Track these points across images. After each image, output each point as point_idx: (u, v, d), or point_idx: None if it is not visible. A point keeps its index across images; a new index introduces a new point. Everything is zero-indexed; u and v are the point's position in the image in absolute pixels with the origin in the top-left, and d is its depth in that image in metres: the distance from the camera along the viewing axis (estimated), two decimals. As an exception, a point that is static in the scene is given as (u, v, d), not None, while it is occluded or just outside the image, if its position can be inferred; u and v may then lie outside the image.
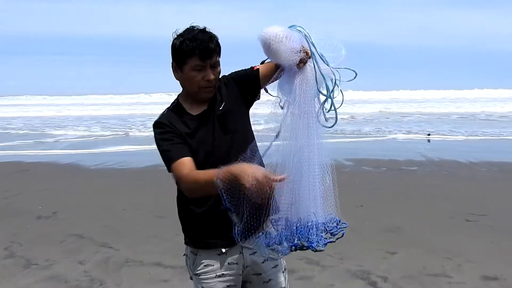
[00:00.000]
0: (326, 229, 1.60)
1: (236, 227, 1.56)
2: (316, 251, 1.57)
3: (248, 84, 1.87)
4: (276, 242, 1.57)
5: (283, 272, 1.94)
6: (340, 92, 1.71)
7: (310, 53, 1.67)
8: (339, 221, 1.65)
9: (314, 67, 1.64)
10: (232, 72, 1.93)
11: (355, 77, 1.70)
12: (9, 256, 4.29)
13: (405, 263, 3.90)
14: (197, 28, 1.75)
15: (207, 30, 1.76)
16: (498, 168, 7.92)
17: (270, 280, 1.89)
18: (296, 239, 1.56)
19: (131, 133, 14.28)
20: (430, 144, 11.16)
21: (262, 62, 1.88)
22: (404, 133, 13.13)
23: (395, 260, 3.98)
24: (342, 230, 1.63)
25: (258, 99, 1.91)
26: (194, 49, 1.70)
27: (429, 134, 12.14)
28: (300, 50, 1.64)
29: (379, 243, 4.35)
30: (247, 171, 1.48)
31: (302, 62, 1.66)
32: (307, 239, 1.55)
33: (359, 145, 11.38)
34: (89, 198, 6.32)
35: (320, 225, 1.59)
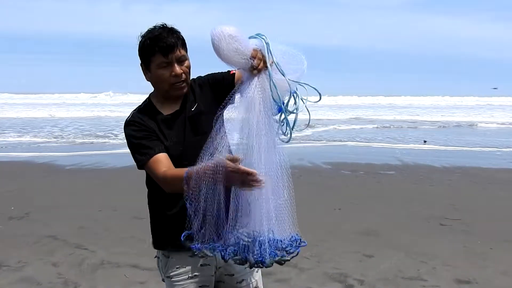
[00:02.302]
0: (282, 247, 1.58)
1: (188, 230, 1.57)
2: (266, 267, 1.56)
3: (222, 88, 1.84)
4: (232, 252, 1.56)
5: (256, 272, 1.94)
6: (304, 106, 1.69)
7: (266, 62, 1.62)
8: (300, 240, 1.63)
9: (269, 76, 1.61)
10: (208, 74, 1.92)
11: (319, 99, 1.68)
12: (-21, 257, 4.15)
13: (381, 266, 3.95)
14: (158, 26, 1.74)
15: (167, 25, 1.74)
16: (471, 173, 8.11)
17: (242, 280, 1.89)
18: (249, 253, 1.54)
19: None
20: (405, 150, 11.35)
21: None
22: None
23: (372, 263, 4.02)
24: (298, 249, 1.61)
25: (232, 103, 1.90)
26: (154, 46, 1.70)
27: (425, 142, 12.43)
28: (252, 56, 1.59)
29: (356, 246, 4.40)
30: (219, 157, 1.49)
31: (255, 69, 1.61)
32: (259, 254, 1.54)
33: (335, 149, 11.51)
34: (63, 199, 6.19)
35: (277, 242, 1.57)
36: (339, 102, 35.19)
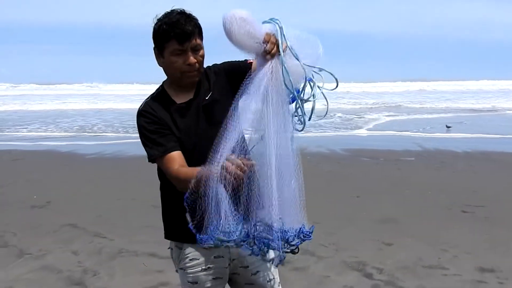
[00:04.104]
0: (285, 238, 1.57)
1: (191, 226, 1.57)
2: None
3: (239, 77, 1.77)
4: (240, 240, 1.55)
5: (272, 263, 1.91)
6: (321, 93, 1.63)
7: (279, 47, 1.57)
8: (308, 233, 1.60)
9: (282, 62, 1.56)
10: (224, 62, 1.88)
11: (336, 86, 1.62)
12: (2, 245, 4.25)
13: (401, 254, 3.88)
14: (176, 11, 1.69)
15: (185, 12, 1.69)
16: (494, 159, 7.90)
17: (257, 272, 1.86)
18: (256, 242, 1.55)
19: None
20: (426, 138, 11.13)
21: None
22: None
23: (391, 251, 3.95)
24: (300, 242, 1.59)
25: (247, 93, 1.85)
26: (170, 33, 1.66)
27: (448, 127, 12.12)
28: (265, 41, 1.55)
29: (375, 234, 4.33)
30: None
31: (268, 54, 1.56)
32: (268, 244, 1.54)
33: (352, 137, 11.37)
34: (84, 188, 6.27)
35: (282, 232, 1.55)
36: (365, 89, 34.03)
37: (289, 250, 1.58)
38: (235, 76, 1.80)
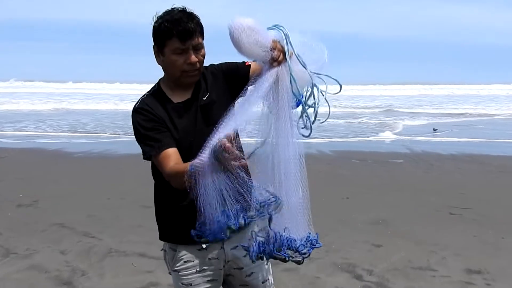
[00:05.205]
0: (294, 247, 1.55)
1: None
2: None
3: (237, 79, 1.78)
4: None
5: (265, 265, 1.90)
6: (324, 99, 1.62)
7: (285, 53, 1.56)
8: (315, 240, 1.59)
9: (289, 69, 1.55)
10: (222, 62, 1.86)
11: (339, 90, 1.61)
12: (-12, 245, 4.18)
13: (391, 256, 3.91)
14: (177, 9, 1.67)
15: (187, 10, 1.67)
16: (482, 161, 8.00)
17: (252, 273, 1.85)
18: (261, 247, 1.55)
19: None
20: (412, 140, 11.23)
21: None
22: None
23: (381, 253, 3.98)
24: (311, 250, 1.58)
25: (244, 96, 1.84)
26: (172, 30, 1.63)
27: (435, 130, 12.25)
28: (272, 48, 1.54)
29: (365, 236, 4.35)
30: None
31: (275, 61, 1.55)
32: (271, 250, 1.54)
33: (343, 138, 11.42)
34: (72, 187, 6.20)
35: (290, 241, 1.54)
36: (361, 92, 33.67)
37: (300, 259, 1.56)
38: (233, 78, 1.79)
